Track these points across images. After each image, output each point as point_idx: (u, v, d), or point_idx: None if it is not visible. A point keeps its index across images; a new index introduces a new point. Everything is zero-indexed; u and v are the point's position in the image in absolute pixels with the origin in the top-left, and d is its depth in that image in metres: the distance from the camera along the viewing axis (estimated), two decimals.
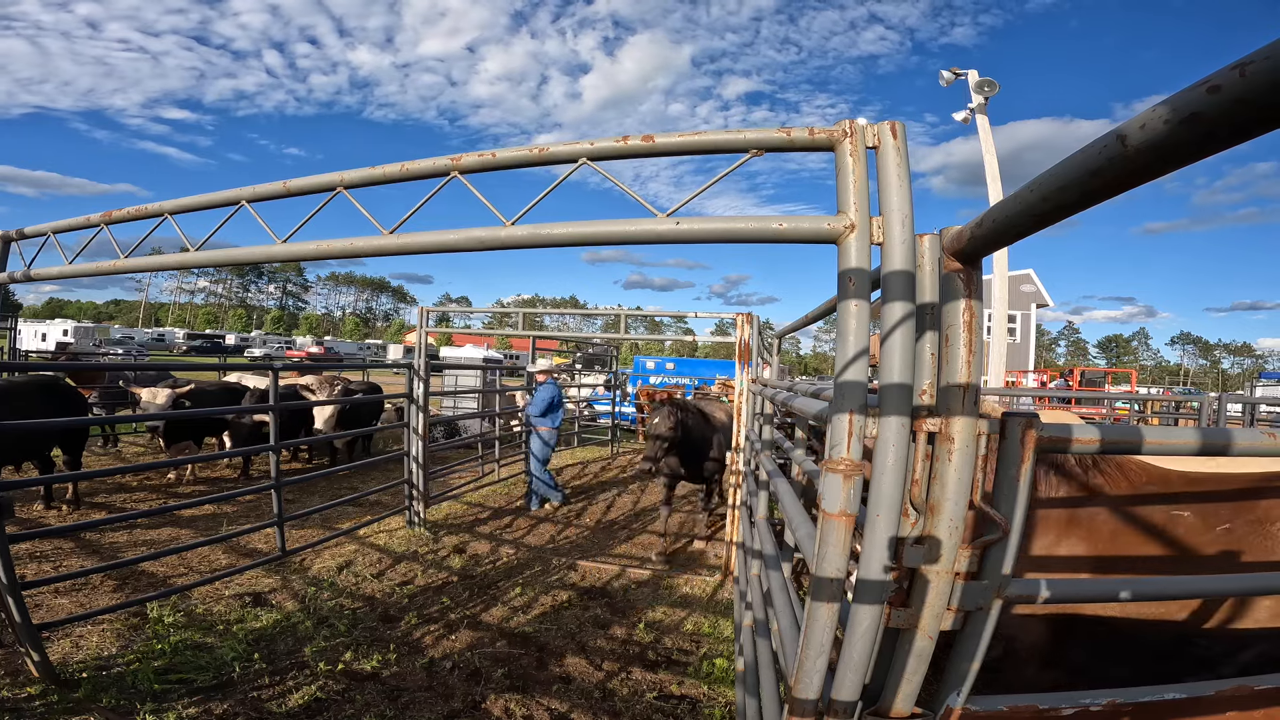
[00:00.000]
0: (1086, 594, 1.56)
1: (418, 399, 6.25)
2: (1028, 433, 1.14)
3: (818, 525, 1.16)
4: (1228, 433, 1.23)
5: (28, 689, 3.07)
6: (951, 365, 1.13)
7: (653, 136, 1.42)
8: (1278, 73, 0.57)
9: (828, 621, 1.15)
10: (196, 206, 2.23)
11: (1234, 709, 1.21)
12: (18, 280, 2.93)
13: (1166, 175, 0.73)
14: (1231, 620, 1.85)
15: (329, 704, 3.16)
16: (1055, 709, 1.18)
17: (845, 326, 1.15)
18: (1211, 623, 1.86)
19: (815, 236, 1.20)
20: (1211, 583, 1.71)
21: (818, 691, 1.18)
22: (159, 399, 7.06)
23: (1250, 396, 10.13)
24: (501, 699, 3.30)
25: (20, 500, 6.31)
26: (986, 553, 1.15)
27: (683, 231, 1.33)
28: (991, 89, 13.11)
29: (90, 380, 10.32)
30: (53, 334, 32.97)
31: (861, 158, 1.19)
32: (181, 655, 3.49)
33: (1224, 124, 0.63)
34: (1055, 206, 0.87)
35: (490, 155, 1.61)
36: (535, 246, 1.52)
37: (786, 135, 1.29)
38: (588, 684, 3.49)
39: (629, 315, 7.56)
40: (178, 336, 56.24)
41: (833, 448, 1.14)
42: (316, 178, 1.88)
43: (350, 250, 1.77)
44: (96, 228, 2.56)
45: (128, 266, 2.38)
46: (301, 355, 47.05)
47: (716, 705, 3.33)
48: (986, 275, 5.13)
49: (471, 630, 4.08)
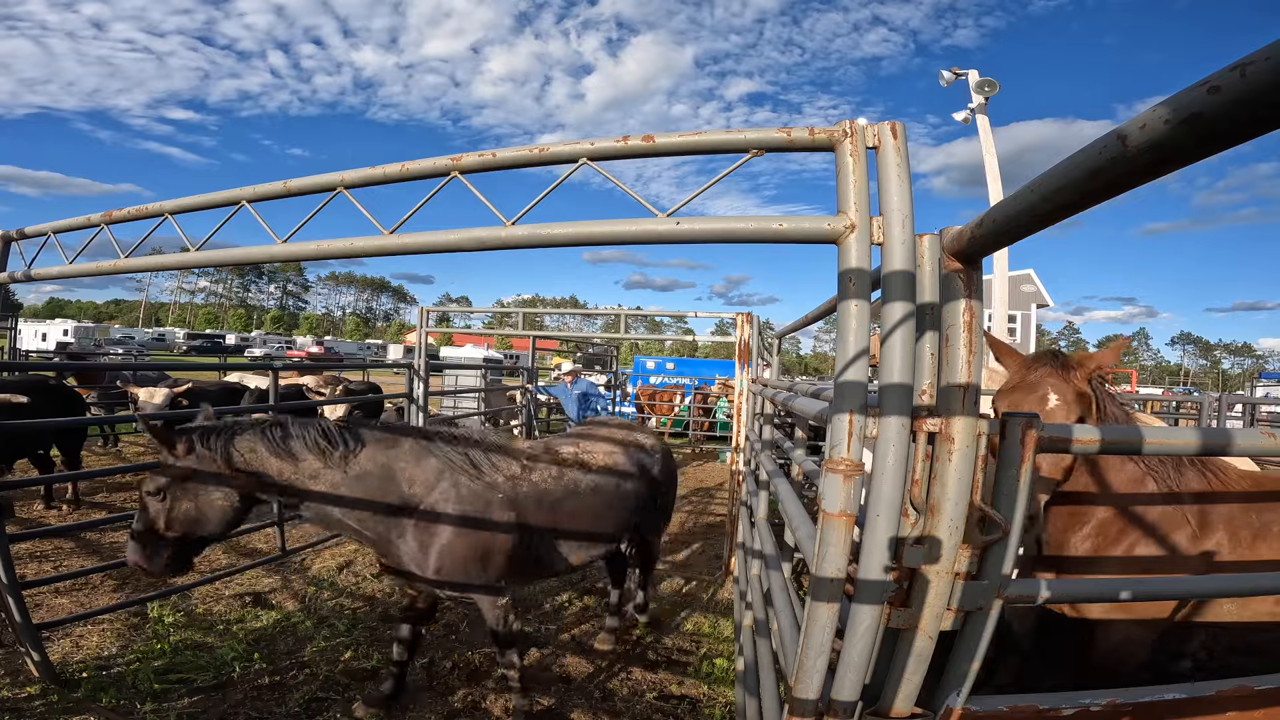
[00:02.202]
0: (1086, 594, 1.57)
1: (418, 399, 6.25)
2: (1028, 433, 1.14)
3: (818, 525, 1.16)
4: (1228, 433, 1.23)
5: (28, 689, 3.07)
6: (952, 365, 1.13)
7: (653, 137, 1.42)
8: (1278, 73, 0.57)
9: (828, 621, 1.15)
10: (197, 206, 2.23)
11: (1234, 709, 1.21)
12: (18, 280, 2.92)
13: (1167, 175, 0.73)
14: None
15: (329, 704, 3.16)
16: (1055, 709, 1.18)
17: (845, 326, 1.15)
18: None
19: (815, 236, 1.20)
20: (1212, 583, 1.71)
21: (818, 691, 1.18)
22: (156, 398, 7.06)
23: (1250, 396, 10.12)
24: (501, 699, 3.29)
25: (20, 500, 6.31)
26: (986, 553, 1.15)
27: (683, 231, 1.33)
28: (992, 89, 13.10)
29: (91, 380, 10.32)
30: (53, 334, 32.95)
31: (861, 158, 1.19)
32: (181, 655, 3.49)
33: (1224, 124, 0.63)
34: (1055, 207, 0.87)
35: (490, 155, 1.61)
36: (535, 246, 1.52)
37: (787, 135, 1.29)
38: (588, 684, 3.49)
39: (629, 315, 7.55)
40: (178, 336, 56.21)
41: (833, 448, 1.14)
42: (316, 178, 1.88)
43: (350, 250, 1.77)
44: (97, 228, 2.56)
45: (128, 266, 2.38)
46: (302, 355, 47.04)
47: (716, 705, 3.32)
48: (987, 275, 5.11)
49: (471, 630, 4.07)
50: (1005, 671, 2.44)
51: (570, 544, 3.20)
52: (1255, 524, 2.00)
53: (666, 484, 3.92)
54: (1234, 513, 2.02)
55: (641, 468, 3.63)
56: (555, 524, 3.10)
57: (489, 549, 2.86)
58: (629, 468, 3.53)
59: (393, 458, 2.80)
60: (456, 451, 2.93)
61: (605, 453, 3.50)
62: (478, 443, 3.08)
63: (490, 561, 2.86)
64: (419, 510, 2.77)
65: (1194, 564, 1.98)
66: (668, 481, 3.93)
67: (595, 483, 3.32)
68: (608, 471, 3.41)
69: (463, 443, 3.00)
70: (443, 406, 11.59)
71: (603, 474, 3.38)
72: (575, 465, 3.29)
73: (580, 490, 3.22)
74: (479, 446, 3.04)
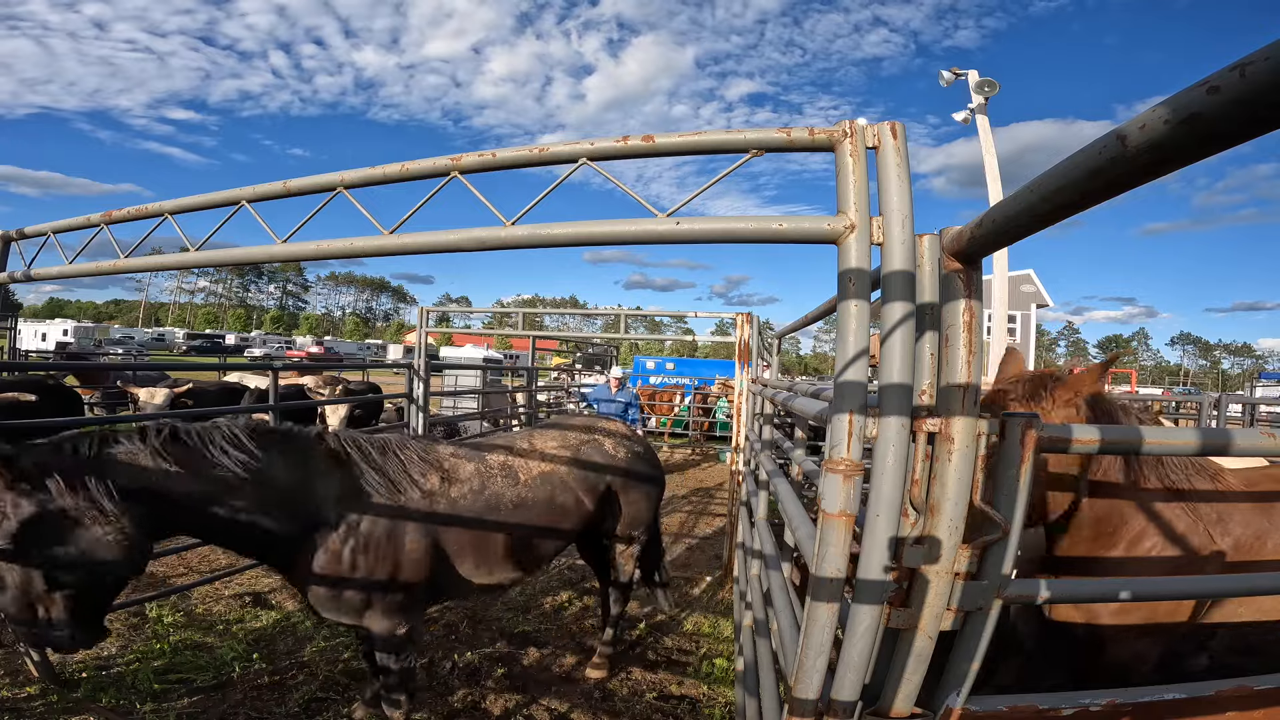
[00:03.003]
0: (1086, 594, 1.57)
1: (418, 399, 6.25)
2: (1028, 433, 1.14)
3: (818, 525, 1.16)
4: (1228, 433, 1.23)
5: (28, 689, 3.07)
6: (951, 365, 1.13)
7: (653, 137, 1.42)
8: (1277, 73, 0.57)
9: (828, 621, 1.15)
10: (196, 206, 2.23)
11: (1234, 709, 1.21)
12: (18, 280, 2.92)
13: (1167, 176, 0.73)
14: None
15: (329, 704, 3.16)
16: (1055, 709, 1.18)
17: (845, 327, 1.15)
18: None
19: (815, 236, 1.20)
20: (1212, 583, 1.71)
21: (817, 691, 1.18)
22: (156, 399, 7.06)
23: (1250, 397, 10.13)
24: (501, 699, 3.30)
25: None
26: (986, 553, 1.15)
27: (683, 231, 1.33)
28: (991, 89, 13.11)
29: (92, 381, 10.33)
30: (53, 334, 32.99)
31: (861, 158, 1.19)
32: (181, 655, 3.50)
33: (1224, 124, 0.63)
34: (1055, 207, 0.87)
35: (490, 155, 1.61)
36: (535, 246, 1.52)
37: (786, 136, 1.29)
38: (588, 684, 3.49)
39: (629, 315, 7.55)
40: (178, 336, 56.23)
41: (833, 448, 1.14)
42: (316, 178, 1.88)
43: (350, 250, 1.77)
44: (96, 227, 2.56)
45: (128, 266, 2.38)
46: (301, 355, 47.06)
47: (716, 705, 3.33)
48: (986, 275, 5.09)
49: (471, 630, 4.08)
50: (1005, 671, 2.43)
51: (492, 562, 2.88)
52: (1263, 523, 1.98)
53: (636, 490, 3.50)
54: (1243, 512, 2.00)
55: (590, 475, 3.25)
56: (475, 543, 2.82)
57: (395, 573, 2.57)
58: (570, 476, 3.18)
59: (303, 471, 2.49)
60: (371, 465, 2.63)
61: (543, 459, 3.16)
62: (397, 453, 2.77)
63: (396, 586, 2.58)
64: (323, 531, 2.47)
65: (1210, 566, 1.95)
66: (638, 487, 3.52)
67: (523, 496, 2.99)
68: (543, 481, 3.09)
69: (380, 453, 2.71)
70: (443, 406, 11.59)
71: (535, 485, 3.06)
72: (503, 475, 2.99)
73: (503, 504, 2.91)
74: (398, 457, 2.75)
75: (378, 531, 2.54)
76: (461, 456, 2.99)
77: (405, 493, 2.67)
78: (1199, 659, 2.00)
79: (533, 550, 3.03)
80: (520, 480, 3.03)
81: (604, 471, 3.33)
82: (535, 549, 3.05)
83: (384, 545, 2.55)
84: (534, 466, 3.12)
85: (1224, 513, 1.98)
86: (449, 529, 2.74)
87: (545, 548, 3.11)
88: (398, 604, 2.60)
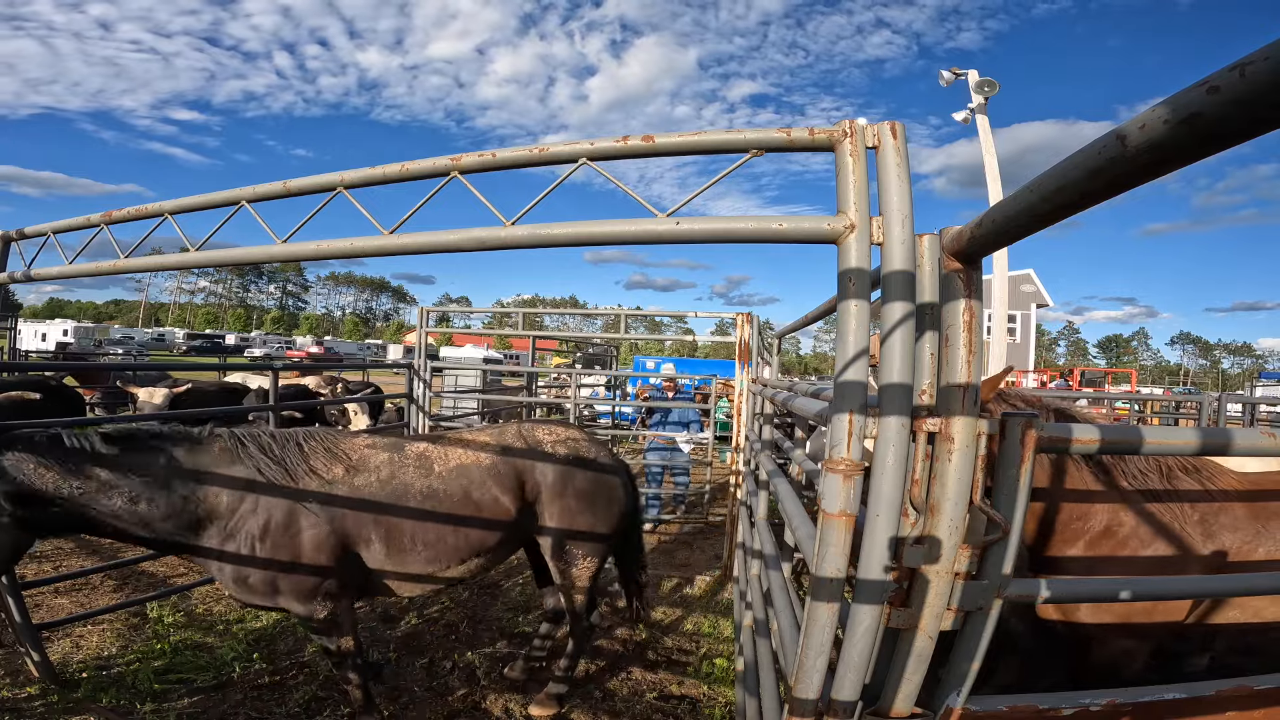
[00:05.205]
0: (1085, 594, 1.57)
1: (418, 399, 6.25)
2: (1028, 433, 1.14)
3: (818, 525, 1.16)
4: (1228, 432, 1.23)
5: (28, 689, 3.07)
6: (951, 365, 1.13)
7: (653, 137, 1.42)
8: (1277, 73, 0.57)
9: (828, 621, 1.15)
10: (197, 206, 2.23)
11: (1234, 709, 1.21)
12: (18, 280, 2.92)
13: (1167, 176, 0.73)
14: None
15: (329, 704, 3.16)
16: (1055, 709, 1.18)
17: (845, 326, 1.15)
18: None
19: (815, 236, 1.20)
20: (1212, 583, 1.71)
21: (818, 691, 1.18)
22: (156, 398, 7.06)
23: (1250, 396, 10.13)
24: (501, 699, 3.30)
25: None
26: (986, 553, 1.15)
27: (683, 231, 1.33)
28: (991, 89, 13.12)
29: (93, 381, 10.33)
30: (53, 334, 32.98)
31: (861, 158, 1.19)
32: (181, 655, 3.50)
33: (1224, 124, 0.63)
34: (1055, 207, 0.87)
35: (490, 155, 1.61)
36: (535, 246, 1.52)
37: (787, 136, 1.29)
38: (588, 684, 3.49)
39: (629, 315, 7.55)
40: (178, 336, 56.23)
41: (833, 448, 1.14)
42: (316, 178, 1.88)
43: (350, 250, 1.77)
44: (97, 228, 2.56)
45: (128, 266, 2.38)
46: (301, 355, 47.06)
47: (716, 705, 3.33)
48: (986, 275, 5.09)
49: (471, 630, 4.08)
50: (1005, 671, 2.43)
51: (406, 554, 2.81)
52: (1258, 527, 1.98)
53: (575, 500, 3.10)
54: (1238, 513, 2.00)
55: (511, 474, 3.02)
56: (385, 533, 2.78)
57: (296, 558, 2.61)
58: (490, 472, 2.99)
59: (199, 463, 2.58)
60: (268, 456, 2.68)
61: (465, 452, 3.02)
62: (301, 445, 2.80)
63: (300, 570, 2.62)
64: (219, 522, 2.57)
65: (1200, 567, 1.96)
66: (578, 497, 3.11)
67: (433, 487, 2.87)
68: (458, 474, 2.95)
69: (280, 445, 2.75)
70: (442, 406, 11.59)
71: (448, 477, 2.93)
72: (416, 466, 2.92)
73: (411, 494, 2.84)
74: (300, 449, 2.78)
75: (275, 519, 2.62)
76: (378, 447, 2.97)
77: (300, 481, 2.70)
78: (1199, 659, 2.00)
79: (451, 546, 2.87)
80: (434, 471, 2.93)
81: (530, 472, 3.08)
82: (453, 545, 2.88)
83: (280, 532, 2.61)
84: (452, 458, 2.99)
85: (1209, 514, 1.98)
86: (351, 516, 2.74)
87: (464, 545, 2.91)
88: (308, 588, 2.65)
